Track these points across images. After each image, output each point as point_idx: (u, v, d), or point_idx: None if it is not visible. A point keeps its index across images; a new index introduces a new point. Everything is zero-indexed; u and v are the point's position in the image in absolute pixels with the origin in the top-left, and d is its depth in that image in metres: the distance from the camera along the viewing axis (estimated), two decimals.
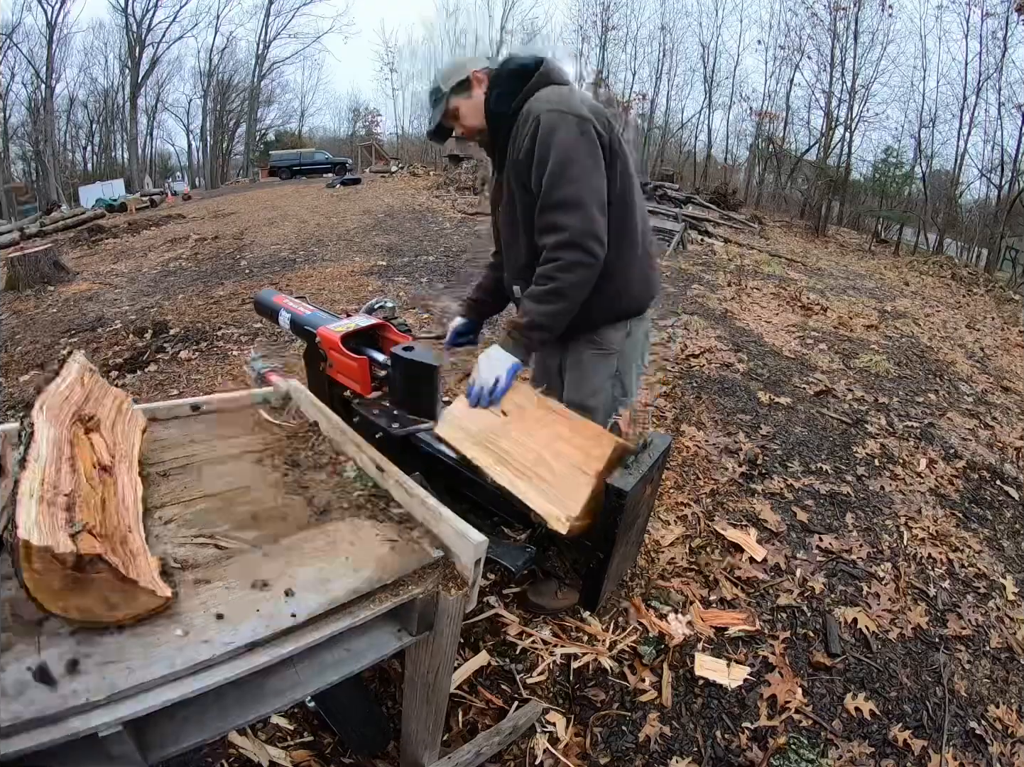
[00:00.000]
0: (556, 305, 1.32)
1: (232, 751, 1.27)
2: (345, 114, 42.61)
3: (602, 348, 1.53)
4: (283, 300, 1.75)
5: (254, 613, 0.77)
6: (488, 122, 1.42)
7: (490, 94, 1.40)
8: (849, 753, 1.45)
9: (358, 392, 1.52)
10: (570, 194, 1.27)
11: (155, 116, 32.94)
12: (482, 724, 1.43)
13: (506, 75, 1.40)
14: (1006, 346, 5.87)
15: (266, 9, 32.52)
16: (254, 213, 10.95)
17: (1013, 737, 1.57)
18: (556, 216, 1.29)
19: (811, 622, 1.86)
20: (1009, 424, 3.66)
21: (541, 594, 1.75)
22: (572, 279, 1.30)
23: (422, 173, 17.36)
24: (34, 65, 26.57)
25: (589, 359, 1.55)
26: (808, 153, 21.14)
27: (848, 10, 18.20)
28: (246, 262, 6.69)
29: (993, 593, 2.10)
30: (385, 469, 1.12)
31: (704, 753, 1.42)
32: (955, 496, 2.70)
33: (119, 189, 22.60)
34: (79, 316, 5.05)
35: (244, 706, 0.80)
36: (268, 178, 23.88)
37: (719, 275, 6.65)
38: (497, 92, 1.39)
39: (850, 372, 4.10)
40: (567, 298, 1.32)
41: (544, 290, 1.32)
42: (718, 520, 2.29)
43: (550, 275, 1.31)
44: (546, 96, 1.33)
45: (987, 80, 16.21)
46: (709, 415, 3.16)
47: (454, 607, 0.93)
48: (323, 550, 0.92)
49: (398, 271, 5.93)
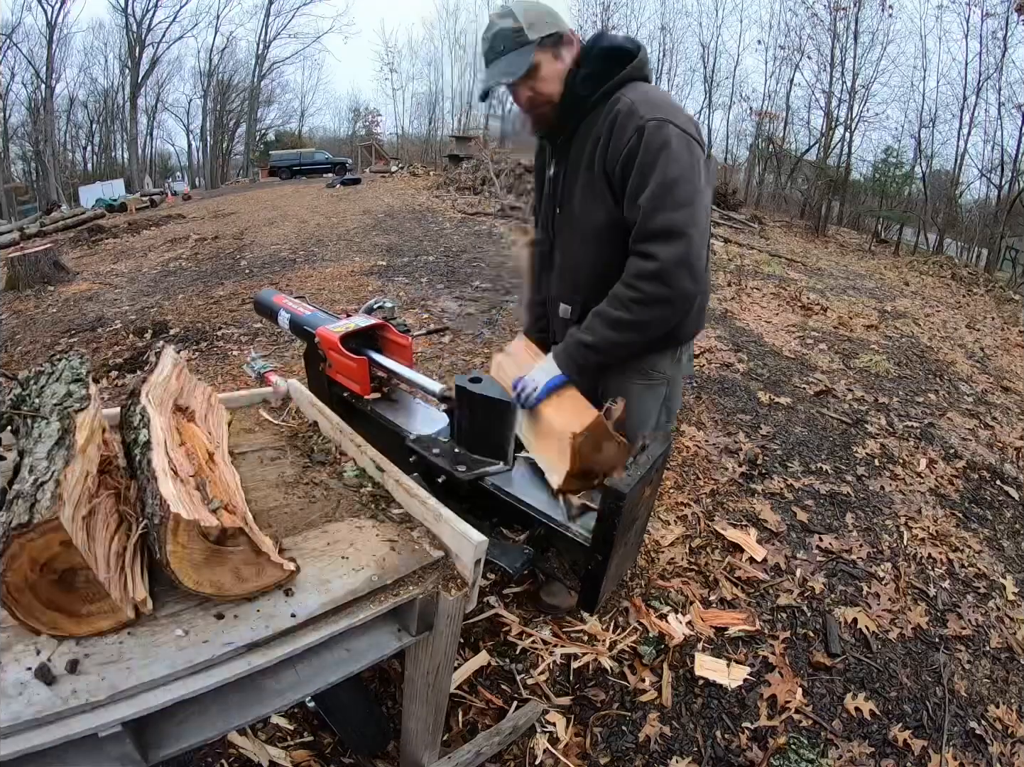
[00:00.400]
0: (624, 336, 1.19)
1: (232, 751, 1.27)
2: (345, 114, 42.79)
3: (651, 379, 1.40)
4: (282, 300, 1.75)
5: (254, 613, 0.77)
6: (564, 103, 1.21)
7: (576, 71, 1.19)
8: (849, 753, 1.45)
9: (358, 392, 1.52)
10: (676, 220, 1.11)
11: (155, 116, 33.05)
12: (482, 724, 1.43)
13: (597, 54, 1.20)
14: (1006, 346, 5.86)
15: (266, 9, 32.62)
16: (254, 213, 10.95)
17: (1013, 737, 1.56)
18: (653, 244, 1.13)
19: (811, 622, 1.86)
20: (1009, 424, 3.66)
21: (554, 594, 1.74)
22: (648, 316, 1.16)
23: (422, 173, 17.36)
24: (34, 65, 26.61)
25: (637, 391, 1.39)
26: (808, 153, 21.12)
27: (848, 10, 18.17)
28: (246, 262, 6.69)
29: (993, 593, 2.10)
30: (385, 469, 1.12)
31: (704, 753, 1.42)
32: (955, 496, 2.70)
33: (119, 189, 22.60)
34: (79, 316, 5.05)
35: (244, 706, 0.80)
36: (268, 178, 23.89)
37: (719, 275, 6.65)
38: (585, 72, 1.19)
39: (850, 372, 4.10)
40: (638, 333, 1.19)
41: (616, 317, 1.18)
42: (718, 520, 2.29)
43: (626, 304, 1.16)
44: (647, 97, 1.16)
45: (987, 80, 16.19)
46: (709, 415, 3.16)
47: (454, 607, 0.93)
48: (323, 550, 0.92)
49: (398, 271, 5.93)
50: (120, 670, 0.67)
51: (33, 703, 0.62)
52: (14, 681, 0.64)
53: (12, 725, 0.60)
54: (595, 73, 1.18)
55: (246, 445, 1.24)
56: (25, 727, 0.61)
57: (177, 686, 0.68)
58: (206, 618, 0.76)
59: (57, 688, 0.64)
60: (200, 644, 0.72)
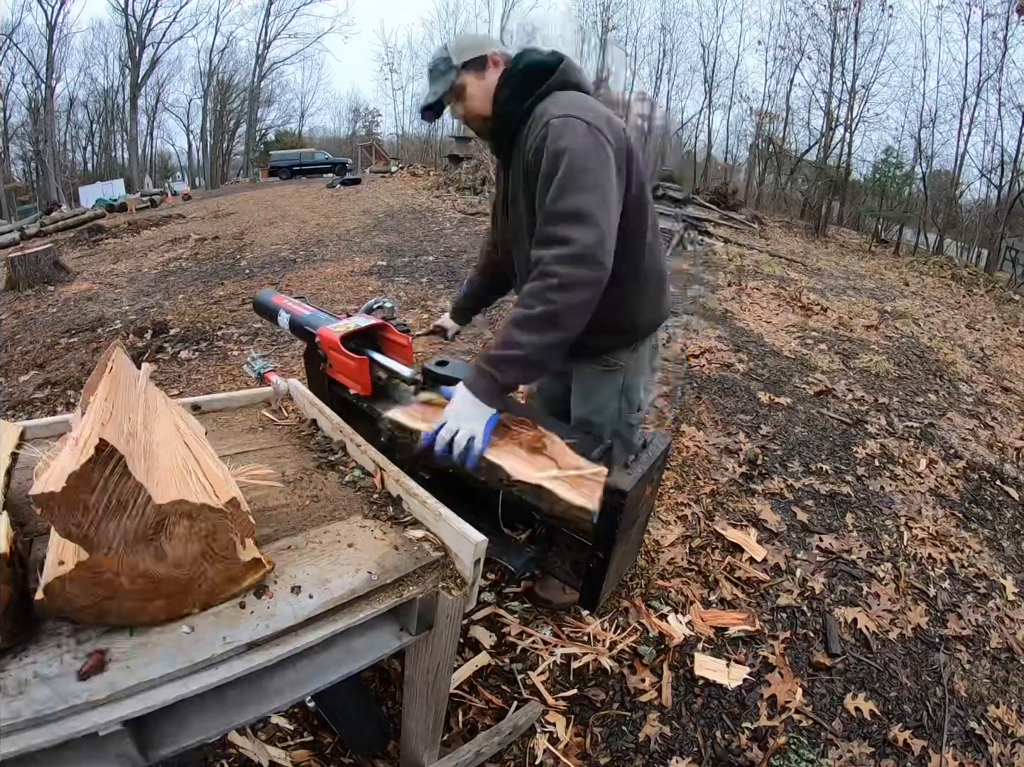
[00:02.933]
0: (550, 334, 1.08)
1: (232, 751, 1.27)
2: (345, 114, 42.77)
3: (607, 365, 1.46)
4: (282, 300, 1.75)
5: (253, 613, 0.77)
6: (495, 120, 1.32)
7: (500, 91, 1.29)
8: (849, 753, 1.45)
9: (359, 392, 1.52)
10: (582, 204, 1.10)
11: (155, 116, 32.99)
12: (482, 724, 1.43)
13: (519, 73, 1.28)
14: (1006, 346, 5.86)
15: (266, 9, 32.58)
16: (254, 213, 10.94)
17: (1013, 737, 1.56)
18: (562, 228, 1.10)
19: (811, 622, 1.86)
20: (1009, 424, 3.66)
21: (548, 589, 1.75)
22: (572, 300, 1.07)
23: (422, 173, 17.35)
24: (34, 65, 26.59)
25: (594, 375, 1.48)
26: (808, 153, 21.14)
27: (848, 10, 18.18)
28: (246, 262, 6.69)
29: (993, 593, 2.10)
30: (385, 468, 1.12)
31: (704, 753, 1.42)
32: (955, 496, 2.70)
33: (119, 189, 22.61)
34: (79, 316, 5.05)
35: (244, 706, 0.80)
36: (268, 178, 23.86)
37: (719, 275, 6.65)
38: (509, 91, 1.27)
39: (850, 372, 4.10)
40: (564, 324, 1.09)
41: (534, 315, 1.07)
42: (718, 520, 2.29)
43: (544, 296, 1.07)
44: (560, 101, 1.22)
45: (987, 80, 16.19)
46: (709, 415, 3.16)
47: (454, 607, 0.93)
48: (323, 550, 0.92)
49: (398, 271, 5.93)
50: (120, 669, 0.67)
51: (33, 703, 0.62)
52: (15, 680, 0.64)
53: (12, 724, 0.60)
54: (517, 90, 1.27)
55: (247, 445, 1.24)
56: (25, 726, 0.61)
57: (177, 686, 0.69)
58: (206, 617, 0.76)
59: (57, 687, 0.64)
60: (200, 644, 0.72)
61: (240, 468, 0.94)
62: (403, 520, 1.02)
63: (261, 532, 0.95)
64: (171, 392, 3.28)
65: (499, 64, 1.30)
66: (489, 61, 1.29)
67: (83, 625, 0.72)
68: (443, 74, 1.30)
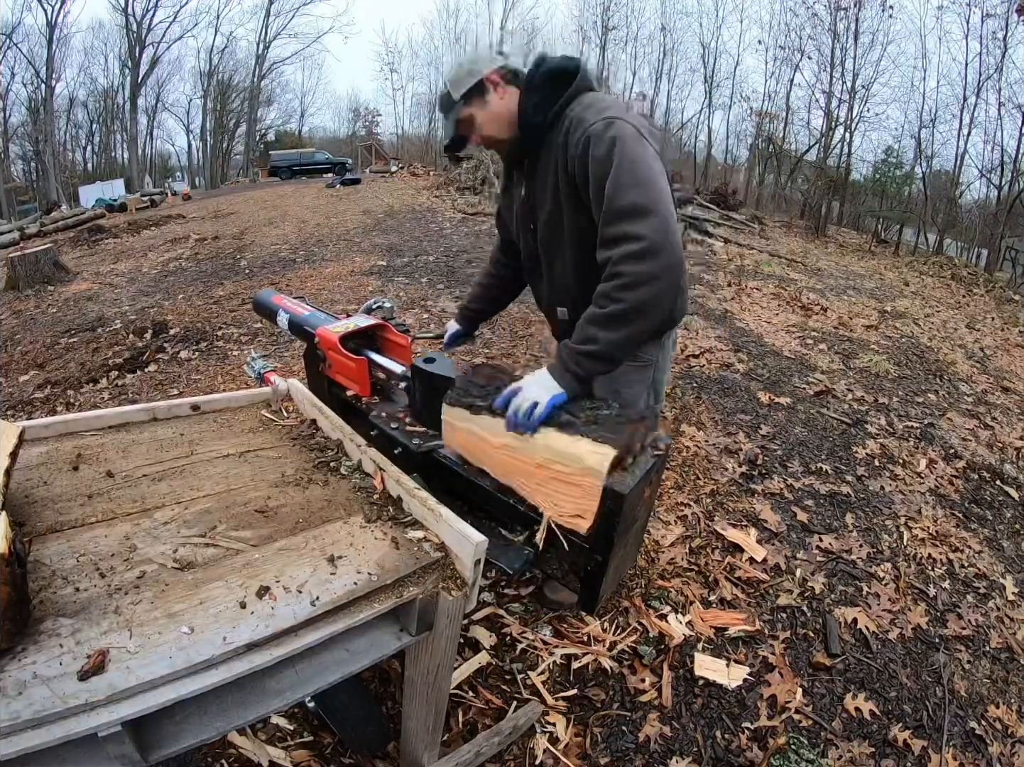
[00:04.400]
0: (626, 330, 1.15)
1: (232, 751, 1.27)
2: (345, 114, 42.65)
3: (640, 361, 1.43)
4: (282, 300, 1.75)
5: (252, 614, 0.77)
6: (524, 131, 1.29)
7: (526, 103, 1.27)
8: (849, 753, 1.45)
9: (358, 393, 1.52)
10: (638, 198, 1.11)
11: (155, 116, 32.98)
12: (482, 724, 1.43)
13: (541, 80, 1.27)
14: (1006, 346, 5.86)
15: (266, 9, 32.55)
16: (254, 213, 10.94)
17: (1013, 737, 1.56)
18: (624, 225, 1.12)
19: (811, 622, 1.86)
20: (1009, 424, 3.66)
21: (557, 590, 1.74)
22: (646, 296, 1.12)
23: (422, 173, 17.36)
24: (34, 65, 26.58)
25: (625, 372, 1.41)
26: (808, 153, 21.12)
27: (848, 10, 18.18)
28: (246, 262, 6.69)
29: (993, 593, 2.10)
30: (385, 468, 1.12)
31: (704, 753, 1.42)
32: (955, 496, 2.70)
33: (119, 189, 22.60)
34: (79, 316, 5.05)
35: (244, 706, 0.80)
36: (268, 178, 23.86)
37: (719, 275, 6.65)
38: (534, 101, 1.26)
39: (850, 372, 4.10)
40: (639, 320, 1.14)
41: (609, 313, 1.14)
42: (718, 520, 2.29)
43: (618, 296, 1.12)
44: (594, 104, 1.21)
45: (987, 80, 16.19)
46: (709, 415, 3.16)
47: (454, 607, 0.93)
48: (323, 550, 0.92)
49: (398, 271, 5.93)
50: (120, 670, 0.67)
51: (33, 703, 0.62)
52: (14, 681, 0.64)
53: (12, 725, 0.60)
54: (542, 99, 1.26)
55: (247, 445, 1.24)
56: (25, 727, 0.61)
57: (177, 686, 0.68)
58: (206, 618, 0.76)
59: (57, 688, 0.64)
60: (200, 644, 0.72)
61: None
62: (403, 520, 1.02)
63: (261, 533, 0.95)
64: (171, 392, 3.28)
65: (498, 83, 1.29)
66: (487, 84, 1.28)
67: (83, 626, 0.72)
68: (449, 110, 1.31)
